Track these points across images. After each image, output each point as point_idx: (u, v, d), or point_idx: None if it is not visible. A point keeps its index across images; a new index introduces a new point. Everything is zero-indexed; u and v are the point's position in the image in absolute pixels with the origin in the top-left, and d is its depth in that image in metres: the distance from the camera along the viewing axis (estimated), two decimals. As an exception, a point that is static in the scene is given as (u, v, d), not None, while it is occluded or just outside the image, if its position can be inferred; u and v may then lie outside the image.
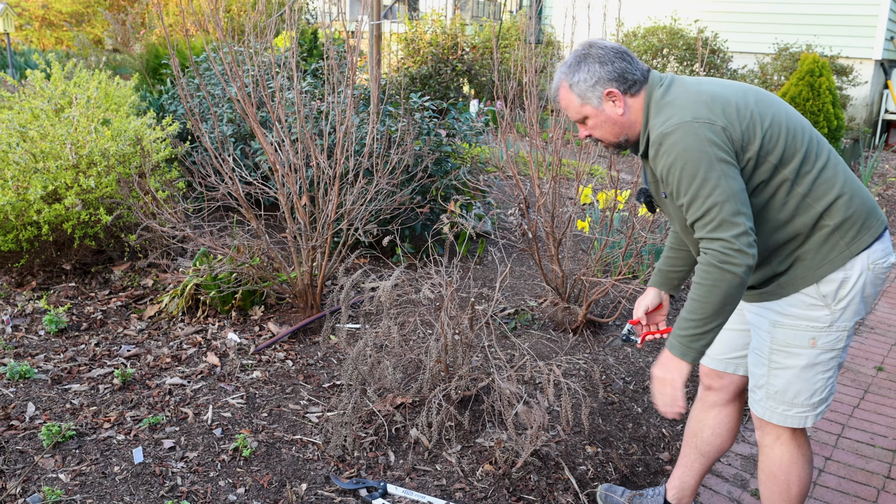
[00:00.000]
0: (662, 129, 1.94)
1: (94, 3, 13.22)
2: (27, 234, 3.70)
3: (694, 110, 1.93)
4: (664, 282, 2.41)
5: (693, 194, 1.90)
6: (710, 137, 1.89)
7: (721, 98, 1.97)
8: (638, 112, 2.07)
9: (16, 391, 2.85)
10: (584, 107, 2.07)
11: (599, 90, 2.04)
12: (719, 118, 1.93)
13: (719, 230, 1.88)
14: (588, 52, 2.05)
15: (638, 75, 2.05)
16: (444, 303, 2.82)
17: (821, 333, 2.05)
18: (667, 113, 1.97)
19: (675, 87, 2.04)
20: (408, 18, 10.46)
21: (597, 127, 2.10)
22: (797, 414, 2.14)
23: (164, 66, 6.97)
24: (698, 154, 1.89)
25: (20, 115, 4.02)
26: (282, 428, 2.77)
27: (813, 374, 2.09)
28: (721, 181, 1.88)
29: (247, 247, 3.56)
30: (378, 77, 4.22)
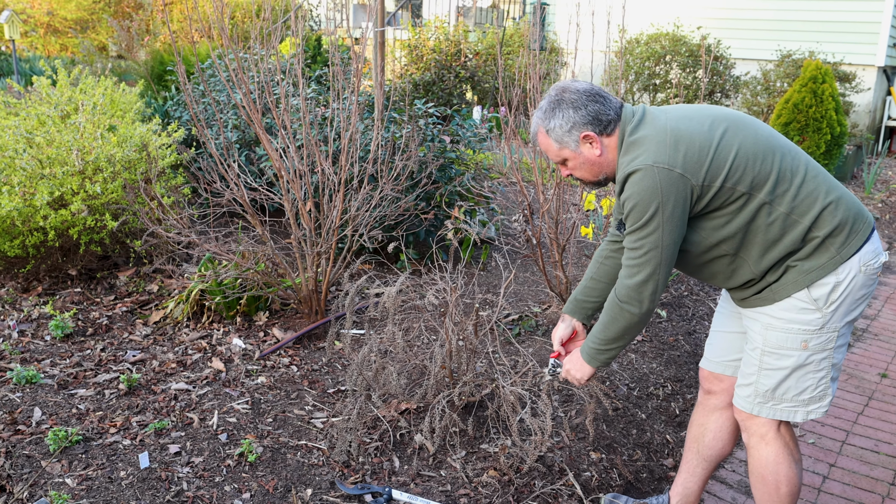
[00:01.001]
0: (626, 169, 2.04)
1: (99, 10, 13.29)
2: (33, 239, 3.72)
3: (656, 154, 2.01)
4: (577, 310, 2.51)
5: (634, 229, 2.04)
6: (663, 186, 1.98)
7: (685, 138, 2.02)
8: (613, 150, 2.14)
9: (22, 396, 2.86)
10: (562, 150, 2.15)
11: (576, 134, 2.11)
12: (678, 164, 1.99)
13: (636, 269, 2.06)
14: (562, 98, 2.11)
15: (612, 115, 2.11)
16: (449, 309, 2.83)
17: (812, 336, 2.09)
18: (633, 153, 2.06)
19: (644, 125, 2.10)
20: (411, 25, 10.50)
21: (577, 168, 2.18)
22: (786, 408, 2.17)
23: (169, 72, 7.00)
24: (650, 198, 1.99)
25: (27, 121, 4.05)
26: (287, 433, 2.78)
27: (803, 373, 2.13)
28: (657, 231, 2.01)
29: (252, 252, 3.57)
30: (382, 83, 4.24)
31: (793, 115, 7.43)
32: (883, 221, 7.44)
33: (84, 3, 12.99)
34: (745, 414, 2.26)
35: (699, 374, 2.53)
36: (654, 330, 4.08)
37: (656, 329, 4.09)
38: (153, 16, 11.28)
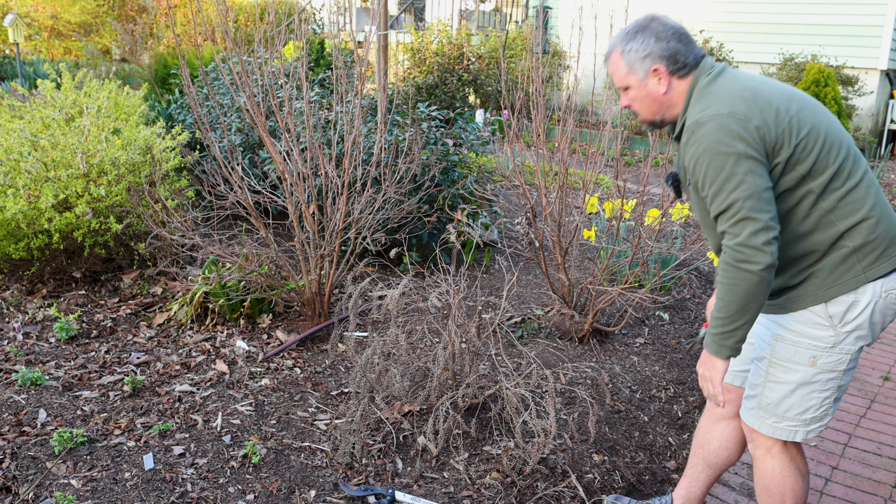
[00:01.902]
0: (697, 118, 1.93)
1: (103, 13, 13.33)
2: (38, 242, 3.74)
3: (732, 104, 1.92)
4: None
5: (718, 188, 1.90)
6: (741, 134, 1.88)
7: (763, 97, 1.95)
8: (681, 95, 2.07)
9: (27, 398, 2.88)
10: (629, 76, 2.08)
11: (648, 64, 2.04)
12: (755, 117, 1.91)
13: (738, 226, 1.88)
14: (648, 25, 2.05)
15: (690, 60, 2.04)
16: (452, 311, 2.84)
17: (822, 353, 2.04)
18: (706, 102, 1.97)
19: (722, 79, 2.02)
20: (414, 29, 10.52)
21: (636, 100, 2.11)
22: (787, 427, 2.13)
23: (173, 75, 7.03)
24: (727, 148, 1.88)
25: (31, 124, 4.07)
26: (290, 435, 2.79)
27: (808, 391, 2.08)
28: (746, 177, 1.87)
29: (255, 255, 3.59)
30: (385, 87, 4.26)
31: (795, 118, 7.43)
32: (885, 225, 7.44)
33: (88, 7, 13.03)
34: (746, 427, 2.24)
35: None
36: (657, 333, 4.08)
37: (658, 332, 4.10)
38: (157, 19, 11.32)
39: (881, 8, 9.44)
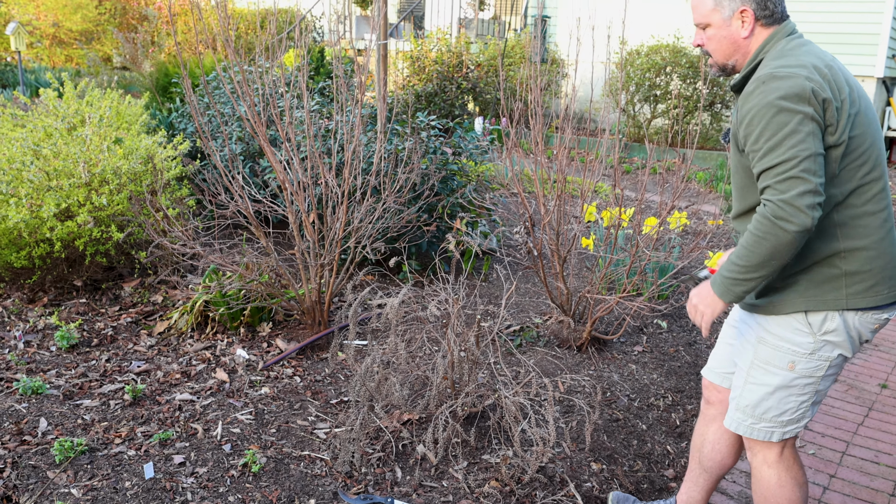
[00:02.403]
0: (773, 71, 1.90)
1: (104, 21, 13.38)
2: (40, 250, 3.76)
3: (811, 71, 1.90)
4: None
5: (776, 142, 1.85)
6: (811, 98, 1.86)
7: (840, 79, 1.94)
8: (760, 42, 2.05)
9: (28, 406, 2.89)
10: (713, 13, 2.06)
11: (737, 4, 2.03)
12: (828, 90, 1.89)
13: (786, 184, 1.83)
14: None
15: (778, 11, 2.04)
16: (451, 320, 2.85)
17: (801, 359, 2.05)
18: (787, 59, 1.94)
19: (806, 45, 2.01)
20: (413, 37, 10.57)
21: (714, 39, 2.09)
22: (764, 428, 2.15)
23: (174, 84, 7.06)
24: (795, 106, 1.85)
25: (34, 133, 4.09)
26: (290, 444, 2.81)
27: (786, 394, 2.10)
28: (808, 139, 1.84)
29: (256, 264, 3.61)
30: (385, 97, 4.29)
31: (793, 126, 7.45)
32: (883, 232, 7.46)
33: (89, 15, 13.08)
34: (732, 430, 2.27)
35: (702, 382, 2.54)
36: (655, 341, 4.10)
37: (657, 340, 4.12)
38: (158, 28, 11.36)
39: (877, 17, 9.49)
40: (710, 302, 2.03)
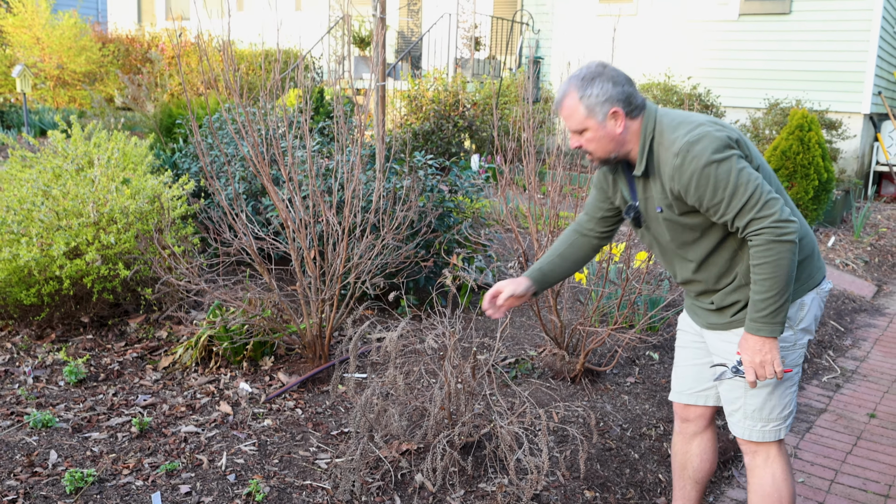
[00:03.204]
0: (688, 139, 2.13)
1: (108, 63, 13.64)
2: (49, 288, 3.88)
3: (710, 124, 2.17)
4: (540, 281, 2.63)
5: (733, 188, 2.10)
6: (729, 143, 2.14)
7: (724, 122, 2.24)
8: (634, 134, 2.26)
9: (38, 439, 2.98)
10: (588, 120, 2.24)
11: (607, 108, 2.22)
12: (730, 131, 2.18)
13: (766, 208, 2.09)
14: (602, 72, 2.23)
15: (639, 101, 2.26)
16: (448, 352, 2.97)
17: (788, 353, 2.30)
18: (685, 127, 2.18)
19: (676, 112, 2.27)
20: (411, 77, 10.81)
21: (593, 140, 2.28)
22: (773, 428, 2.36)
23: (178, 125, 7.24)
24: (727, 153, 2.12)
25: (43, 174, 4.24)
26: (292, 474, 2.90)
27: (783, 389, 2.33)
28: (750, 172, 2.12)
29: (259, 299, 3.72)
30: (384, 137, 4.44)
31: (781, 161, 7.64)
32: (872, 265, 7.60)
33: (93, 57, 13.34)
34: (740, 441, 2.42)
35: (673, 407, 2.67)
36: (647, 372, 4.20)
37: (649, 371, 4.22)
38: (161, 70, 11.61)
39: (862, 55, 9.75)
40: (768, 348, 2.18)
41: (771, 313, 2.14)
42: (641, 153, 2.26)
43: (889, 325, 6.07)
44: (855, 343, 5.59)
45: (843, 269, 7.24)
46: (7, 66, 12.95)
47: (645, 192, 2.33)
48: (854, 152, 10.18)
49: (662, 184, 2.24)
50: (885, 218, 9.23)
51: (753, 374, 2.21)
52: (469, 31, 12.24)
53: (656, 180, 2.26)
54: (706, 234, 2.28)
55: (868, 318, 6.20)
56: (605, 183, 2.51)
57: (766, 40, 10.25)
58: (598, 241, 2.65)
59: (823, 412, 4.35)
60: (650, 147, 2.25)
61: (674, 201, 2.23)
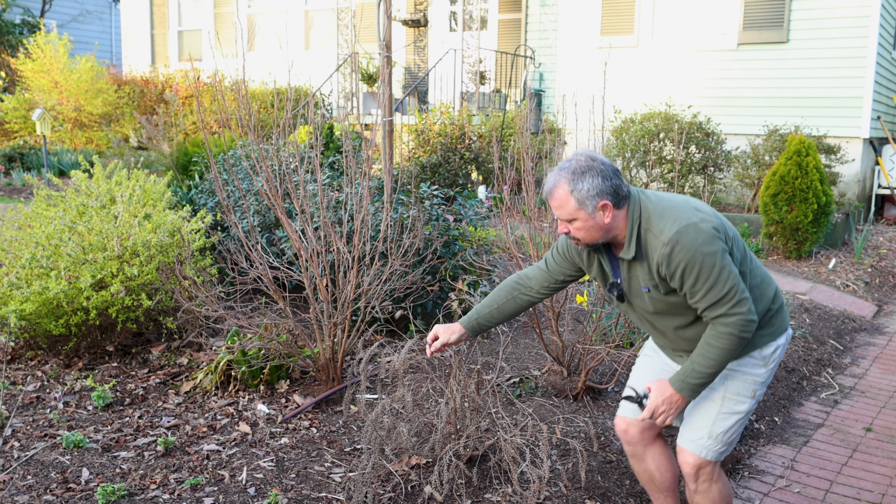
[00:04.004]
0: (677, 229, 2.35)
1: (123, 104, 14.05)
2: (76, 319, 4.10)
3: (692, 213, 2.39)
4: (475, 328, 2.87)
5: (713, 281, 2.34)
6: (715, 234, 2.36)
7: (702, 205, 2.47)
8: (622, 221, 2.47)
9: (71, 458, 3.18)
10: (578, 211, 2.44)
11: (597, 201, 2.41)
12: (715, 219, 2.42)
13: (739, 306, 2.35)
14: (592, 166, 2.43)
15: (625, 192, 2.46)
16: (453, 370, 3.15)
17: (759, 387, 2.58)
18: (669, 218, 2.39)
19: (656, 198, 2.47)
20: (417, 111, 11.11)
21: (582, 230, 2.48)
22: (722, 450, 2.62)
23: (194, 163, 7.52)
24: (712, 247, 2.34)
25: (68, 212, 4.48)
26: (308, 487, 3.08)
27: (745, 419, 2.60)
28: (732, 268, 2.36)
29: (274, 325, 3.93)
30: (391, 170, 4.68)
31: (780, 186, 7.84)
32: (872, 285, 7.74)
33: (109, 99, 13.76)
34: (693, 461, 2.61)
35: (617, 429, 2.86)
36: (648, 390, 4.36)
37: (650, 389, 4.37)
38: (177, 110, 11.97)
39: (860, 81, 9.96)
40: (677, 403, 2.50)
41: (700, 384, 2.44)
42: (629, 239, 2.46)
43: (888, 343, 6.20)
44: (854, 361, 5.72)
45: (844, 289, 7.38)
46: (27, 109, 13.38)
47: (629, 271, 2.54)
48: (854, 176, 10.35)
49: (649, 266, 2.45)
50: (886, 240, 9.37)
51: (649, 414, 2.51)
52: (474, 66, 12.57)
53: (643, 262, 2.48)
54: (688, 308, 2.51)
55: (868, 337, 6.33)
56: (578, 257, 2.71)
57: (765, 68, 10.50)
58: (537, 299, 2.89)
59: (821, 427, 4.49)
60: (638, 232, 2.46)
61: (660, 282, 2.46)
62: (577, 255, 2.70)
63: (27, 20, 20.35)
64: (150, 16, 17.28)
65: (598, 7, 11.61)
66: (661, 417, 2.51)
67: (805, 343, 5.68)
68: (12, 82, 15.20)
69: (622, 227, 2.47)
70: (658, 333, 2.68)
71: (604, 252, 2.60)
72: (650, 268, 2.44)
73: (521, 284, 2.85)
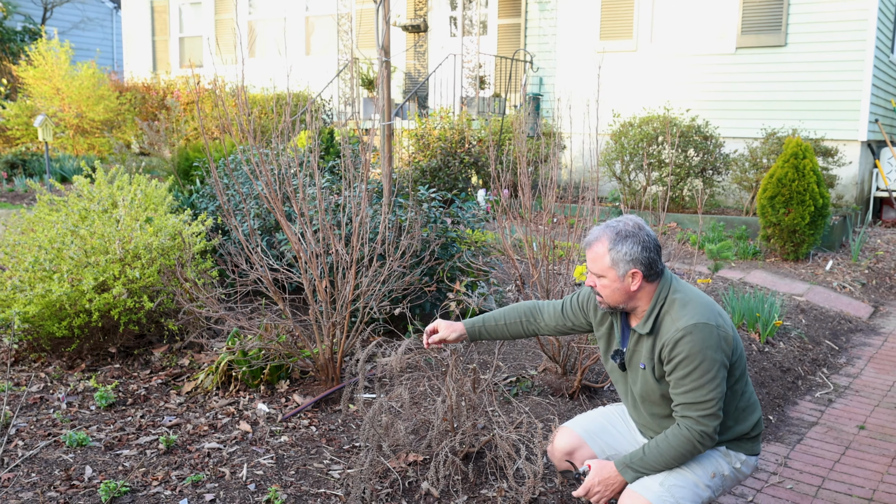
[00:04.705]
0: (695, 322, 2.44)
1: (125, 111, 14.15)
2: (79, 321, 4.16)
3: (713, 316, 2.48)
4: (475, 335, 2.96)
5: (699, 384, 2.43)
6: (723, 346, 2.45)
7: (724, 314, 2.55)
8: (647, 294, 2.56)
9: (74, 456, 3.24)
10: (610, 270, 2.53)
11: (629, 267, 2.50)
12: (729, 329, 2.50)
13: (708, 419, 2.44)
14: (636, 233, 2.52)
15: (659, 268, 2.56)
16: (449, 368, 3.21)
17: (722, 484, 2.66)
18: (691, 310, 2.48)
19: (685, 287, 2.57)
20: (417, 116, 11.19)
21: (607, 288, 2.56)
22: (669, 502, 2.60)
23: (195, 167, 7.59)
24: (716, 354, 2.43)
25: (71, 216, 4.55)
26: (308, 483, 3.13)
27: (697, 492, 2.60)
28: (721, 384, 2.44)
29: (273, 326, 3.98)
30: (389, 173, 4.74)
31: (777, 188, 7.89)
32: (869, 287, 7.78)
33: (111, 105, 13.85)
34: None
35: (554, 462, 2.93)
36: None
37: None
38: (178, 116, 12.06)
39: (857, 84, 10.02)
40: (614, 485, 2.58)
41: (642, 472, 2.53)
42: (649, 315, 2.55)
43: (884, 343, 6.24)
44: (849, 361, 5.77)
45: (840, 291, 7.43)
46: (29, 116, 13.48)
47: (636, 344, 2.63)
48: (852, 179, 10.41)
49: (654, 345, 2.54)
50: (884, 242, 9.42)
51: (584, 492, 2.58)
52: (474, 71, 12.65)
53: (651, 340, 2.56)
54: (670, 401, 2.58)
55: (863, 338, 6.38)
56: (593, 313, 2.81)
57: (763, 72, 10.57)
58: (542, 332, 3.00)
59: (815, 425, 4.54)
60: (658, 312, 2.54)
61: (657, 364, 2.54)
62: (593, 311, 2.80)
63: (28, 27, 20.49)
64: (152, 22, 17.39)
65: (597, 11, 11.69)
66: (595, 497, 2.58)
67: (801, 343, 5.73)
68: (14, 89, 15.31)
69: (645, 301, 2.56)
70: (636, 412, 2.76)
71: (619, 319, 2.70)
72: (654, 347, 2.54)
73: (532, 314, 2.96)
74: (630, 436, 2.87)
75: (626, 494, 2.54)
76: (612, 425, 2.89)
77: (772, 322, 5.47)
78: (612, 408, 2.99)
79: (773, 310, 5.55)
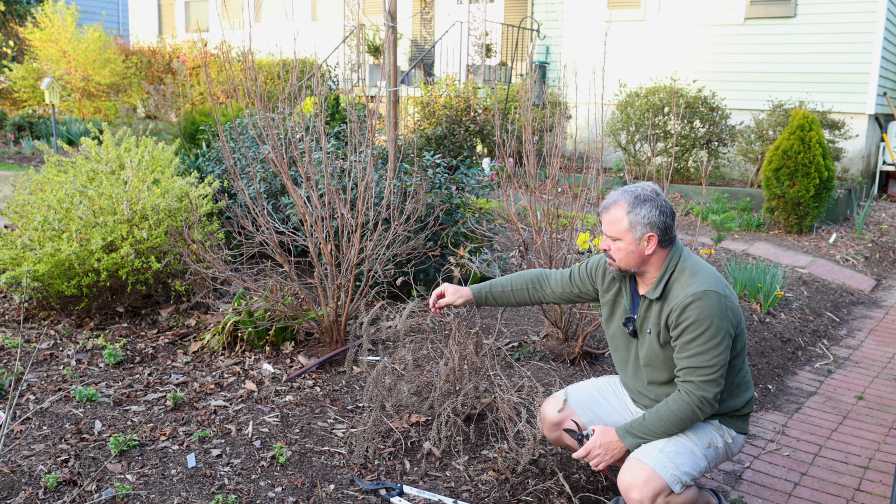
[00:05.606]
0: (704, 289, 2.48)
1: (131, 74, 14.10)
2: (88, 280, 4.21)
3: (722, 286, 2.53)
4: (481, 299, 3.01)
5: (704, 349, 2.47)
6: (729, 315, 2.50)
7: (730, 288, 2.60)
8: (659, 259, 2.60)
9: (84, 411, 3.31)
10: (627, 233, 2.57)
11: (647, 230, 2.55)
12: (735, 301, 2.55)
13: (709, 385, 2.49)
14: (654, 198, 2.56)
15: (674, 235, 2.60)
16: (452, 331, 3.26)
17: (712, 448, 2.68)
18: (701, 278, 2.52)
19: (694, 258, 2.62)
20: (423, 83, 11.13)
21: (622, 251, 2.60)
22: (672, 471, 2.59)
23: (201, 131, 7.59)
24: (721, 322, 2.48)
25: (79, 177, 4.58)
26: (312, 441, 3.20)
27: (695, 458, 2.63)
28: (725, 352, 2.49)
29: (279, 288, 4.03)
30: (395, 138, 4.75)
31: (783, 161, 7.87)
32: (872, 260, 7.80)
33: (117, 69, 13.80)
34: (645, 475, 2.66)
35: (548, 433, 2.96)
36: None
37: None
38: (184, 80, 12.02)
39: (866, 57, 9.94)
40: (615, 451, 2.62)
41: (642, 439, 2.57)
42: (659, 281, 2.59)
43: (885, 316, 6.28)
44: (850, 333, 5.81)
45: (843, 264, 7.46)
46: (35, 78, 13.44)
47: (646, 311, 2.66)
48: (859, 152, 10.37)
49: (661, 311, 2.58)
50: (888, 216, 9.41)
51: (585, 453, 2.63)
52: (480, 39, 12.55)
53: (659, 306, 2.61)
54: (672, 368, 2.63)
55: (865, 310, 6.41)
56: (601, 279, 2.85)
57: (771, 43, 10.48)
58: (548, 300, 3.04)
59: (813, 395, 4.59)
60: (668, 278, 2.58)
61: (663, 329, 2.58)
62: (602, 278, 2.84)
63: (34, -11, 20.31)
64: (157, -15, 17.25)
65: (605, -20, 11.56)
66: (595, 460, 2.63)
67: (802, 314, 5.77)
68: (21, 52, 15.23)
69: (656, 267, 2.60)
70: (635, 378, 2.80)
71: (627, 286, 2.74)
72: (661, 312, 2.58)
73: (539, 281, 3.01)
74: (622, 407, 2.93)
75: (627, 463, 2.57)
76: (603, 396, 2.95)
77: (773, 293, 5.51)
78: (605, 379, 3.04)
79: (774, 281, 5.58)
